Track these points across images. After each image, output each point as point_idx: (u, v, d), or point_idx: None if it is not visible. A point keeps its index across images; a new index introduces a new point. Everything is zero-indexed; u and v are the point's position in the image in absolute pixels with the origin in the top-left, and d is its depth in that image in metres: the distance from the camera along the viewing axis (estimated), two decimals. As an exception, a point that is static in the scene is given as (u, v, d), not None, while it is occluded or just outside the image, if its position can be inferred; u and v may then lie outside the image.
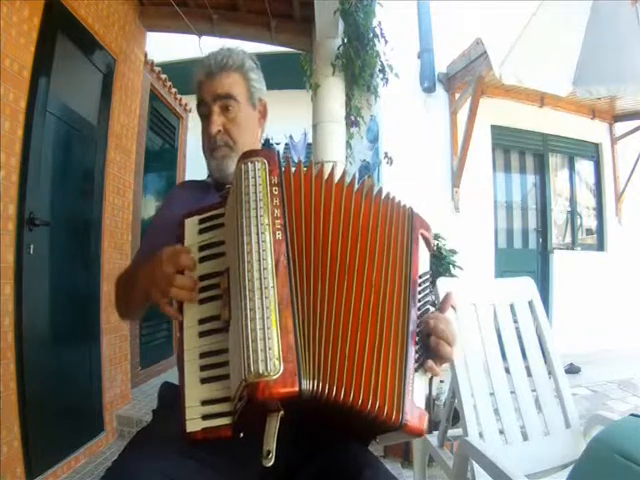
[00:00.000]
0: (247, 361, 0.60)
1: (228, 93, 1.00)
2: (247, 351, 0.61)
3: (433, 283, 0.95)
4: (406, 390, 0.66)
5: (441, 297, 0.77)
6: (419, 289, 0.76)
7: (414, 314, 0.72)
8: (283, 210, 0.71)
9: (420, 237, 0.81)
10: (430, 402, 2.58)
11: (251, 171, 0.73)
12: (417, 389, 0.68)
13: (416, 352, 0.70)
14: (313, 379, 0.62)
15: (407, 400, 0.65)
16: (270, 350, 0.60)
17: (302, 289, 0.68)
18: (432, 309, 0.78)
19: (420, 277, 0.77)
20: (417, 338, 0.71)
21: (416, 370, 0.69)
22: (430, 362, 0.71)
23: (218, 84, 1.00)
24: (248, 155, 0.77)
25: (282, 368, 0.60)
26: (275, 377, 0.59)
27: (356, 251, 0.73)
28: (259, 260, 0.66)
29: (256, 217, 0.69)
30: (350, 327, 0.68)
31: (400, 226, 0.79)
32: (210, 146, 1.01)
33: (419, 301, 0.75)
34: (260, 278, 0.65)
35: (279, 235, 0.68)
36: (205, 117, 1.02)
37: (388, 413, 0.64)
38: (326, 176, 0.78)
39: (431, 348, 0.72)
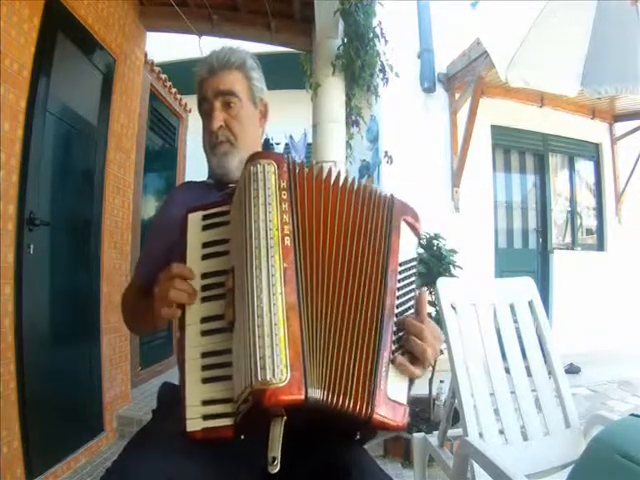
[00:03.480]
0: (254, 367, 0.60)
1: (230, 89, 1.00)
2: (254, 357, 0.61)
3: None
4: (377, 381, 0.65)
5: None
6: (401, 277, 0.74)
7: (389, 304, 0.70)
8: (292, 215, 0.70)
9: (404, 223, 0.79)
10: (430, 402, 2.58)
11: (260, 173, 0.72)
12: (394, 380, 0.67)
13: (394, 342, 0.69)
14: (319, 386, 0.62)
15: (377, 391, 0.64)
16: (277, 357, 0.60)
17: (309, 295, 0.67)
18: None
19: (402, 264, 0.75)
20: (394, 328, 0.70)
21: (393, 361, 0.68)
22: (400, 357, 0.69)
23: (220, 80, 1.00)
24: (257, 157, 0.75)
25: (289, 376, 0.60)
26: (282, 385, 0.59)
27: (345, 252, 0.72)
28: (267, 266, 0.66)
29: (265, 221, 0.68)
30: (350, 331, 0.67)
31: (380, 217, 0.77)
32: (211, 142, 1.01)
33: (401, 289, 0.74)
34: (269, 284, 0.64)
35: (287, 241, 0.68)
36: (206, 114, 1.02)
37: (355, 406, 0.63)
38: (339, 183, 0.77)
39: (405, 347, 0.71)
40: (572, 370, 3.81)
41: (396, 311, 0.71)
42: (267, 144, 4.98)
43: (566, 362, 3.47)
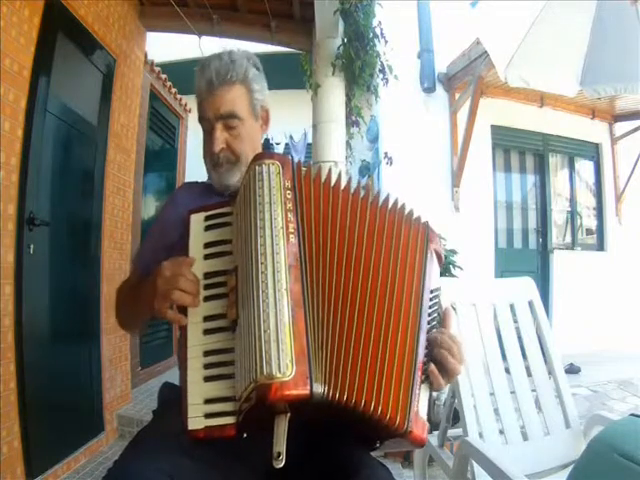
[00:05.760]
0: (259, 361, 0.60)
1: (231, 112, 0.95)
2: (259, 352, 0.61)
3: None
4: (412, 398, 0.66)
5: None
6: (430, 303, 0.76)
7: (424, 325, 0.72)
8: (296, 214, 0.71)
9: (432, 252, 0.80)
10: (430, 402, 2.58)
11: (265, 173, 0.73)
12: (422, 400, 0.68)
13: (424, 364, 0.70)
14: (324, 382, 0.62)
15: (413, 408, 0.65)
16: (283, 352, 0.60)
17: (314, 293, 0.68)
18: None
19: (432, 292, 0.77)
20: (426, 351, 0.71)
21: (422, 381, 0.69)
22: (432, 366, 0.71)
23: (220, 101, 0.95)
24: (262, 157, 0.76)
25: (294, 370, 0.60)
26: (287, 379, 0.59)
27: (370, 259, 0.72)
28: (272, 263, 0.66)
29: (270, 220, 0.69)
30: (363, 332, 0.67)
31: (414, 239, 0.78)
32: (212, 161, 0.99)
33: (429, 315, 0.75)
34: (274, 281, 0.65)
35: (292, 239, 0.69)
36: (207, 132, 0.99)
37: (393, 418, 0.64)
38: (341, 185, 0.78)
39: (437, 360, 0.72)
40: (572, 370, 3.80)
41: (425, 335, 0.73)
42: (267, 144, 4.98)
43: (566, 362, 3.47)
